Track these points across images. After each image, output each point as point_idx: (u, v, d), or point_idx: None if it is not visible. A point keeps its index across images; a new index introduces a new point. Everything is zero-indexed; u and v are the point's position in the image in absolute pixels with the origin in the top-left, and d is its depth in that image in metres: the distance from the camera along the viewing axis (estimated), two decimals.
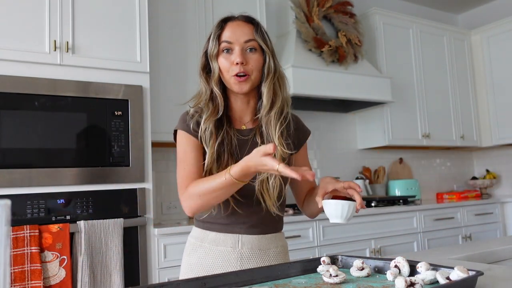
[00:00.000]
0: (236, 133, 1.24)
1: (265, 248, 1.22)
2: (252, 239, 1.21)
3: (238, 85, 1.19)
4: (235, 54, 1.19)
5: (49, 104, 2.16)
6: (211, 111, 1.21)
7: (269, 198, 1.18)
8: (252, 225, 1.22)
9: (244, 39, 1.20)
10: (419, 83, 4.04)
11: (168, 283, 0.80)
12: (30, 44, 2.18)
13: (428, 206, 3.47)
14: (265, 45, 1.22)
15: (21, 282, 1.91)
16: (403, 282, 0.73)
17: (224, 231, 1.22)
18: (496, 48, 4.31)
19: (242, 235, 1.21)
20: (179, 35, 2.87)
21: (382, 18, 3.90)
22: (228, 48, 1.20)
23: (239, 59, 1.17)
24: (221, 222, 1.23)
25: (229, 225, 1.22)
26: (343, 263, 0.98)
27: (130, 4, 2.47)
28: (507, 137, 4.21)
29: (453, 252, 1.17)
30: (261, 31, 1.22)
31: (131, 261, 2.25)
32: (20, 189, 2.05)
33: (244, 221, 1.22)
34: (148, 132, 2.42)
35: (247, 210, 1.21)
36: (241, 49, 1.19)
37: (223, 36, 1.22)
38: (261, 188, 1.18)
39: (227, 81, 1.21)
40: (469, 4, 4.76)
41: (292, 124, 1.28)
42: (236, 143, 1.23)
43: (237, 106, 1.27)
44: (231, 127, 1.25)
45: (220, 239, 1.22)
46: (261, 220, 1.23)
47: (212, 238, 1.23)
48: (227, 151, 1.20)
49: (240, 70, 1.18)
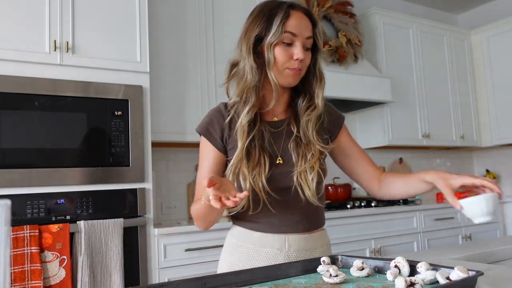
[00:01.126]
0: (267, 127, 1.19)
1: (311, 249, 1.18)
2: (299, 239, 1.16)
3: (292, 77, 1.15)
4: (297, 48, 1.12)
5: (49, 104, 2.16)
6: (254, 102, 1.14)
7: (308, 189, 1.13)
8: (296, 220, 1.17)
9: (307, 34, 1.14)
10: (419, 83, 4.03)
11: (168, 283, 0.80)
12: (30, 44, 2.18)
13: (428, 206, 3.47)
14: (320, 43, 1.19)
15: (21, 282, 1.91)
16: (403, 282, 0.73)
17: (269, 231, 1.16)
18: (496, 48, 4.31)
19: (289, 235, 1.16)
20: (179, 35, 2.87)
21: (382, 18, 3.90)
22: (291, 42, 1.13)
23: (301, 55, 1.12)
24: (265, 221, 1.17)
25: (273, 223, 1.16)
26: (343, 263, 0.98)
27: (130, 4, 2.47)
28: (507, 137, 4.21)
29: (453, 252, 1.17)
30: (318, 30, 1.18)
31: (131, 261, 2.25)
32: (20, 189, 2.05)
33: (287, 218, 1.17)
34: (148, 132, 2.42)
35: (287, 205, 1.16)
36: (303, 44, 1.13)
37: (289, 26, 1.12)
38: (300, 179, 1.14)
39: (279, 72, 1.14)
40: (469, 4, 4.76)
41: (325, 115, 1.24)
42: (269, 136, 1.18)
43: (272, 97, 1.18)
44: (262, 120, 1.19)
45: (266, 240, 1.16)
46: (304, 214, 1.18)
47: (256, 239, 1.17)
48: (258, 147, 1.15)
49: (298, 67, 1.13)
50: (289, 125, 1.21)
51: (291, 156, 1.17)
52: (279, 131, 1.20)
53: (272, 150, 1.17)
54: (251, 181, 1.11)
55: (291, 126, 1.20)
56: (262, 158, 1.14)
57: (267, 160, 1.14)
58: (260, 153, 1.14)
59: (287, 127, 1.20)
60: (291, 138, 1.18)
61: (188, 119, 2.79)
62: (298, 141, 1.18)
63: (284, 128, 1.20)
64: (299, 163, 1.15)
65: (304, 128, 1.18)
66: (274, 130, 1.20)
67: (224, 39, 3.02)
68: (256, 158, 1.13)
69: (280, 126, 1.21)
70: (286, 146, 1.18)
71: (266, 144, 1.17)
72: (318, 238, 1.21)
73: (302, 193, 1.14)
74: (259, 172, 1.12)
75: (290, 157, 1.17)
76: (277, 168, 1.16)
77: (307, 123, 1.18)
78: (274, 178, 1.14)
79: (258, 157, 1.14)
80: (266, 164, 1.13)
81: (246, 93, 1.15)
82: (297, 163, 1.15)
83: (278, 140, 1.19)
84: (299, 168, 1.14)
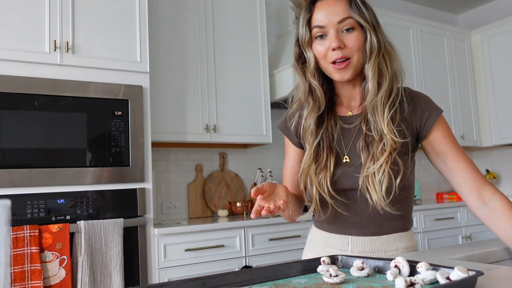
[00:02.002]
0: (339, 121, 1.12)
1: (380, 251, 1.09)
2: (364, 241, 1.10)
3: (338, 73, 1.05)
4: (330, 38, 1.03)
5: (49, 104, 2.16)
6: (312, 106, 1.09)
7: (375, 193, 1.03)
8: (362, 225, 1.11)
9: (338, 19, 1.03)
10: (419, 83, 4.03)
11: (168, 283, 0.80)
12: (30, 44, 2.18)
13: (428, 206, 3.47)
14: (363, 20, 1.04)
15: (21, 282, 1.91)
16: (403, 282, 0.73)
17: (334, 232, 1.15)
18: (496, 48, 4.31)
19: (353, 237, 1.11)
20: (179, 35, 2.87)
21: (382, 18, 3.87)
22: (322, 34, 1.05)
23: (335, 43, 1.02)
24: (330, 221, 1.15)
25: (338, 225, 1.13)
26: (343, 263, 0.98)
27: (130, 4, 2.47)
28: (507, 137, 4.21)
29: (453, 252, 1.17)
30: (356, 5, 1.04)
31: (131, 261, 2.25)
32: (20, 189, 2.05)
33: (353, 221, 1.11)
34: (148, 132, 2.42)
35: (352, 210, 1.10)
36: (336, 31, 1.03)
37: (314, 20, 1.06)
38: (366, 182, 1.04)
39: (326, 69, 1.07)
40: (469, 4, 4.76)
41: (408, 105, 1.07)
42: (340, 132, 1.12)
43: (344, 92, 1.13)
44: (334, 115, 1.13)
45: (330, 240, 1.15)
46: (372, 219, 1.10)
47: (323, 239, 1.18)
48: (326, 148, 1.09)
49: (338, 56, 1.03)
50: (361, 122, 1.10)
51: (360, 156, 1.08)
52: (350, 128, 1.12)
53: (339, 148, 1.11)
54: (317, 185, 1.09)
55: (362, 124, 1.09)
56: (328, 160, 1.09)
57: (333, 160, 1.10)
58: (328, 155, 1.10)
59: (360, 125, 1.10)
60: (360, 137, 1.09)
61: (188, 119, 2.79)
62: (368, 140, 1.08)
63: (357, 125, 1.11)
64: (367, 165, 1.05)
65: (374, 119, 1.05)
66: (346, 126, 1.12)
67: (224, 39, 3.02)
68: (324, 160, 1.09)
69: (352, 122, 1.12)
70: (354, 145, 1.10)
71: (335, 142, 1.11)
72: (391, 240, 1.11)
73: (369, 198, 1.05)
74: (325, 175, 1.08)
75: (358, 158, 1.08)
76: (343, 167, 1.10)
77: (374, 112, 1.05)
78: (338, 179, 1.09)
79: (326, 160, 1.09)
80: (331, 165, 1.09)
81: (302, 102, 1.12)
82: (365, 165, 1.05)
83: (348, 137, 1.11)
84: (366, 172, 1.04)
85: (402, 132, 1.06)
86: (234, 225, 2.59)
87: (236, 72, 3.04)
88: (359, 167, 1.07)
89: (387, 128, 1.03)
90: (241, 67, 3.06)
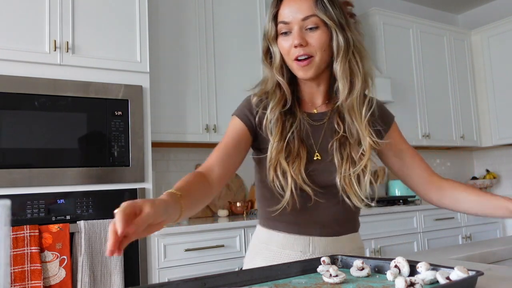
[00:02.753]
0: (306, 118, 1.10)
1: (339, 251, 1.08)
2: (326, 242, 1.08)
3: (301, 71, 1.04)
4: (293, 35, 1.03)
5: (49, 104, 2.16)
6: (278, 99, 1.07)
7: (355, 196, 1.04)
8: (325, 225, 1.09)
9: (302, 16, 1.03)
10: (419, 83, 4.03)
11: (168, 283, 0.80)
12: (30, 44, 2.18)
13: (428, 206, 3.47)
14: (329, 18, 1.03)
15: (21, 282, 1.91)
16: (403, 282, 0.73)
17: (293, 232, 1.09)
18: (496, 48, 4.31)
19: (314, 237, 1.08)
20: (179, 35, 2.87)
21: (382, 18, 3.90)
22: (286, 30, 1.05)
23: (297, 41, 1.02)
24: (290, 220, 1.09)
25: (300, 224, 1.09)
26: (343, 263, 0.98)
27: (130, 4, 2.47)
28: (507, 137, 4.21)
29: (453, 252, 1.17)
30: (322, 3, 1.03)
31: (131, 261, 2.25)
32: (20, 189, 2.05)
33: (316, 220, 1.08)
34: (148, 132, 2.42)
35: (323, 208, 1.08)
36: (300, 28, 1.03)
37: (280, 16, 1.06)
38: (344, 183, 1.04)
39: (290, 66, 1.07)
40: (469, 4, 4.76)
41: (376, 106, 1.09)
42: (308, 128, 1.09)
43: (307, 89, 1.12)
44: (301, 110, 1.11)
45: (289, 242, 1.09)
46: (337, 219, 1.10)
47: (279, 240, 1.10)
48: (297, 139, 1.06)
49: (300, 53, 1.03)
50: (332, 120, 1.09)
51: (333, 156, 1.06)
52: (319, 125, 1.10)
53: (310, 144, 1.08)
54: (292, 173, 1.02)
55: (334, 123, 1.08)
56: (301, 151, 1.05)
57: (305, 152, 1.06)
58: (299, 146, 1.06)
59: (329, 122, 1.10)
60: (334, 137, 1.08)
61: (188, 119, 2.79)
62: (343, 140, 1.07)
63: (325, 122, 1.10)
64: (343, 168, 1.04)
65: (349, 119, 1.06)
66: (313, 123, 1.10)
67: (224, 39, 3.02)
68: (295, 150, 1.05)
69: (320, 119, 1.11)
70: (326, 143, 1.08)
71: (304, 136, 1.08)
72: (348, 241, 1.12)
73: (347, 197, 1.05)
74: (299, 165, 1.04)
75: (329, 156, 1.07)
76: (314, 164, 1.07)
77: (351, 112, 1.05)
78: (313, 174, 1.05)
79: (298, 150, 1.05)
80: (304, 156, 1.05)
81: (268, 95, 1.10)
82: (340, 167, 1.05)
83: (317, 135, 1.10)
84: (344, 173, 1.04)
85: (380, 132, 1.09)
86: (234, 225, 2.59)
87: (236, 72, 3.03)
88: (329, 165, 1.06)
89: (366, 130, 1.04)
90: (241, 67, 3.06)
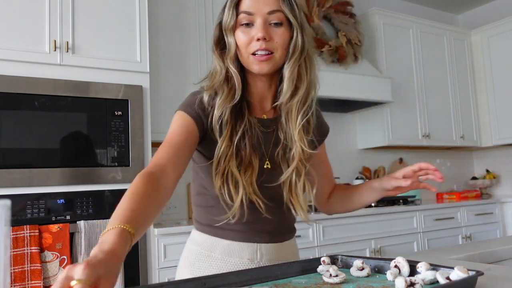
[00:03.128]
0: (257, 124, 1.04)
1: (284, 258, 1.07)
2: (272, 249, 1.06)
3: (258, 65, 0.99)
4: (256, 27, 0.98)
5: (49, 104, 2.16)
6: (227, 93, 1.00)
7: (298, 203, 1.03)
8: (272, 232, 1.07)
9: (268, 9, 0.98)
10: (419, 83, 4.03)
11: (168, 283, 0.80)
12: (30, 44, 2.18)
13: (428, 206, 3.47)
14: (293, 17, 0.99)
15: (21, 282, 1.91)
16: (403, 282, 0.73)
17: (239, 240, 1.04)
18: (496, 48, 4.31)
19: (261, 245, 1.05)
20: (179, 35, 2.87)
21: (382, 18, 3.90)
22: (248, 22, 0.99)
23: (260, 34, 0.97)
24: (237, 229, 1.04)
25: (247, 232, 1.04)
26: (343, 263, 0.98)
27: (130, 4, 2.47)
28: (507, 137, 4.21)
29: (453, 252, 1.17)
30: (289, 0, 1.00)
31: (131, 261, 2.25)
32: (20, 189, 2.05)
33: (263, 229, 1.05)
34: (148, 132, 2.42)
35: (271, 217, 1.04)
36: (264, 21, 0.98)
37: (242, 5, 0.99)
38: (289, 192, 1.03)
39: (245, 59, 1.01)
40: (469, 4, 4.76)
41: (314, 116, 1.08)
42: (259, 135, 1.04)
43: (257, 89, 1.06)
44: (251, 115, 1.04)
45: (235, 249, 1.04)
46: (282, 226, 1.09)
47: (224, 248, 1.05)
48: (249, 146, 1.00)
49: (261, 47, 0.97)
50: (278, 128, 1.05)
51: (280, 165, 1.04)
52: (268, 132, 1.05)
53: (261, 152, 1.04)
54: (244, 184, 0.97)
55: (279, 131, 1.05)
56: (253, 159, 1.00)
57: (257, 161, 1.01)
58: (251, 154, 1.00)
59: (276, 131, 1.06)
60: (278, 146, 1.05)
61: None
62: (286, 150, 1.05)
63: (274, 130, 1.06)
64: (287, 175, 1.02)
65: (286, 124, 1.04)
66: (264, 130, 1.05)
67: None
68: (248, 158, 0.99)
69: (269, 126, 1.06)
70: (273, 152, 1.05)
71: (256, 143, 1.03)
72: (289, 246, 1.12)
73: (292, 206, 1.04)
74: (251, 174, 0.99)
75: (278, 166, 1.04)
76: (266, 173, 1.03)
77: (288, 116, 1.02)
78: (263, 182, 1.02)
79: (249, 158, 1.00)
80: (256, 165, 1.01)
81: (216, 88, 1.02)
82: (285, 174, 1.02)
83: (267, 143, 1.05)
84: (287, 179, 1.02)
85: (313, 143, 1.07)
86: None
87: None
88: (278, 174, 1.03)
89: (298, 136, 1.01)
90: None
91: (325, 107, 3.66)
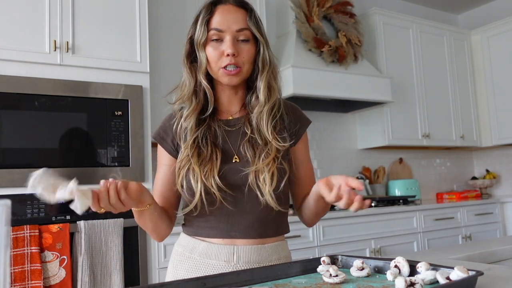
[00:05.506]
0: (222, 125, 1.14)
1: (265, 261, 1.08)
2: (250, 250, 1.07)
3: (228, 78, 1.08)
4: (225, 44, 1.06)
5: (49, 104, 2.16)
6: (194, 106, 1.10)
7: (265, 188, 1.05)
8: (248, 225, 1.08)
9: (237, 27, 1.07)
10: (419, 83, 4.04)
11: (168, 283, 0.80)
12: (30, 44, 2.18)
13: (428, 206, 3.47)
14: (259, 34, 1.09)
15: (21, 282, 1.91)
16: (403, 282, 0.73)
17: (215, 236, 1.09)
18: (496, 48, 4.31)
19: (238, 246, 1.07)
20: (179, 35, 2.86)
21: (382, 18, 3.90)
22: (218, 38, 1.08)
23: (230, 50, 1.05)
24: (212, 225, 1.09)
25: (220, 227, 1.08)
26: (343, 263, 0.98)
27: (130, 4, 2.47)
28: (507, 137, 4.21)
29: (453, 252, 1.17)
30: (255, 18, 1.10)
31: (131, 261, 2.25)
32: (20, 189, 2.05)
33: (238, 221, 1.08)
34: (148, 132, 2.42)
35: (241, 206, 1.07)
36: (233, 38, 1.07)
37: (213, 23, 1.08)
38: (256, 178, 1.06)
39: (215, 72, 1.10)
40: (469, 4, 4.76)
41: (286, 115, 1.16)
42: (224, 135, 1.13)
43: (225, 97, 1.16)
44: (215, 119, 1.14)
45: (212, 251, 1.08)
46: (260, 219, 1.08)
47: (202, 249, 1.09)
48: (210, 144, 1.09)
49: (231, 62, 1.06)
50: (244, 124, 1.14)
51: (247, 155, 1.10)
52: (234, 130, 1.14)
53: (227, 148, 1.11)
54: (202, 177, 1.04)
55: (245, 127, 1.13)
56: (214, 154, 1.08)
57: (219, 156, 1.08)
58: (212, 151, 1.08)
59: (243, 127, 1.14)
60: (245, 139, 1.12)
61: None
62: (253, 142, 1.11)
63: (240, 127, 1.14)
64: (255, 162, 1.08)
65: (257, 126, 1.11)
66: (229, 129, 1.14)
67: None
68: (208, 155, 1.08)
69: (234, 124, 1.14)
70: (241, 146, 1.12)
71: (220, 143, 1.11)
72: (274, 249, 1.11)
73: (260, 194, 1.06)
74: (211, 168, 1.06)
75: (246, 157, 1.10)
76: (231, 165, 1.09)
77: (259, 121, 1.11)
78: (226, 174, 1.08)
79: (210, 154, 1.08)
80: (217, 160, 1.07)
81: (184, 100, 1.12)
82: (252, 162, 1.08)
83: (234, 139, 1.13)
84: (253, 167, 1.06)
85: (286, 138, 1.13)
86: None
87: None
88: (247, 164, 1.08)
89: (271, 136, 1.09)
90: None
91: (325, 107, 3.67)
